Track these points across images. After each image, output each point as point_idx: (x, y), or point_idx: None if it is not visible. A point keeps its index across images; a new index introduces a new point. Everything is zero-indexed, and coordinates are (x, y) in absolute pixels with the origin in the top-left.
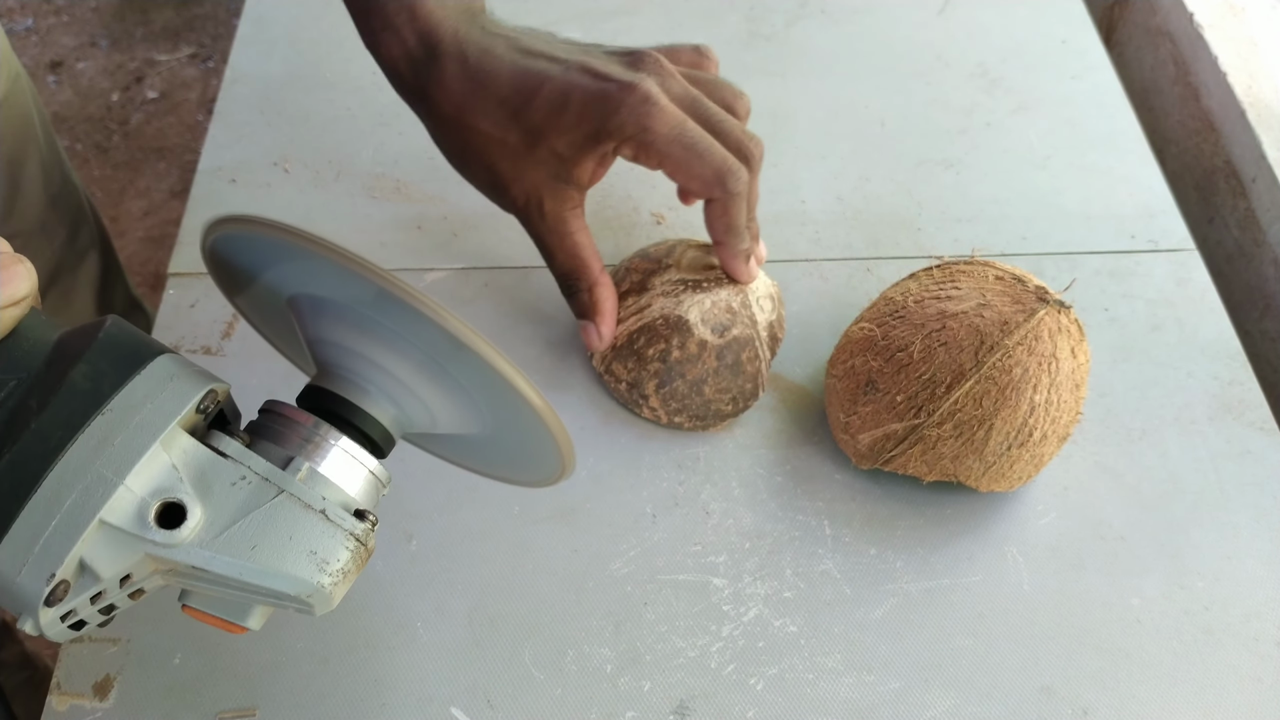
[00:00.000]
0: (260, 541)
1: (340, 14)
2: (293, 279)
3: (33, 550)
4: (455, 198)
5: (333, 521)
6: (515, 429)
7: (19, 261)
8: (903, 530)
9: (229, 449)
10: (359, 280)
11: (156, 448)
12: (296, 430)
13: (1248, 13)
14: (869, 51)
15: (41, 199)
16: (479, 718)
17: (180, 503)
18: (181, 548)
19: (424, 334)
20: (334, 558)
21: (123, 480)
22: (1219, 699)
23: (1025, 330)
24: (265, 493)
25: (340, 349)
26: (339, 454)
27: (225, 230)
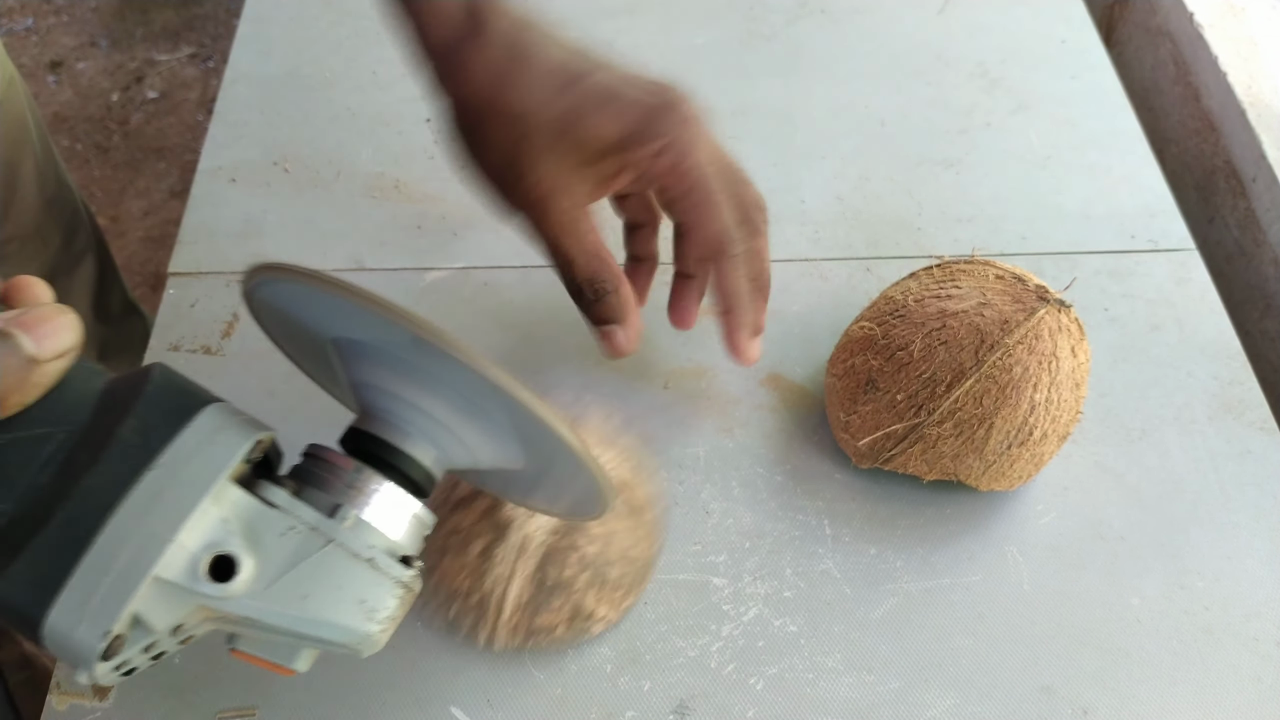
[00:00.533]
0: (310, 592)
1: (340, 14)
2: (333, 324)
3: (88, 607)
4: (455, 197)
5: (380, 570)
6: (554, 467)
7: (63, 313)
8: (903, 530)
9: (277, 499)
10: (396, 328)
11: (207, 502)
12: (340, 476)
13: (1248, 12)
14: (869, 51)
15: (37, 203)
16: (479, 717)
17: (231, 556)
18: (233, 600)
19: (461, 378)
20: (382, 606)
21: (175, 536)
22: (1219, 699)
23: (1025, 329)
24: (314, 543)
25: (381, 392)
26: (383, 499)
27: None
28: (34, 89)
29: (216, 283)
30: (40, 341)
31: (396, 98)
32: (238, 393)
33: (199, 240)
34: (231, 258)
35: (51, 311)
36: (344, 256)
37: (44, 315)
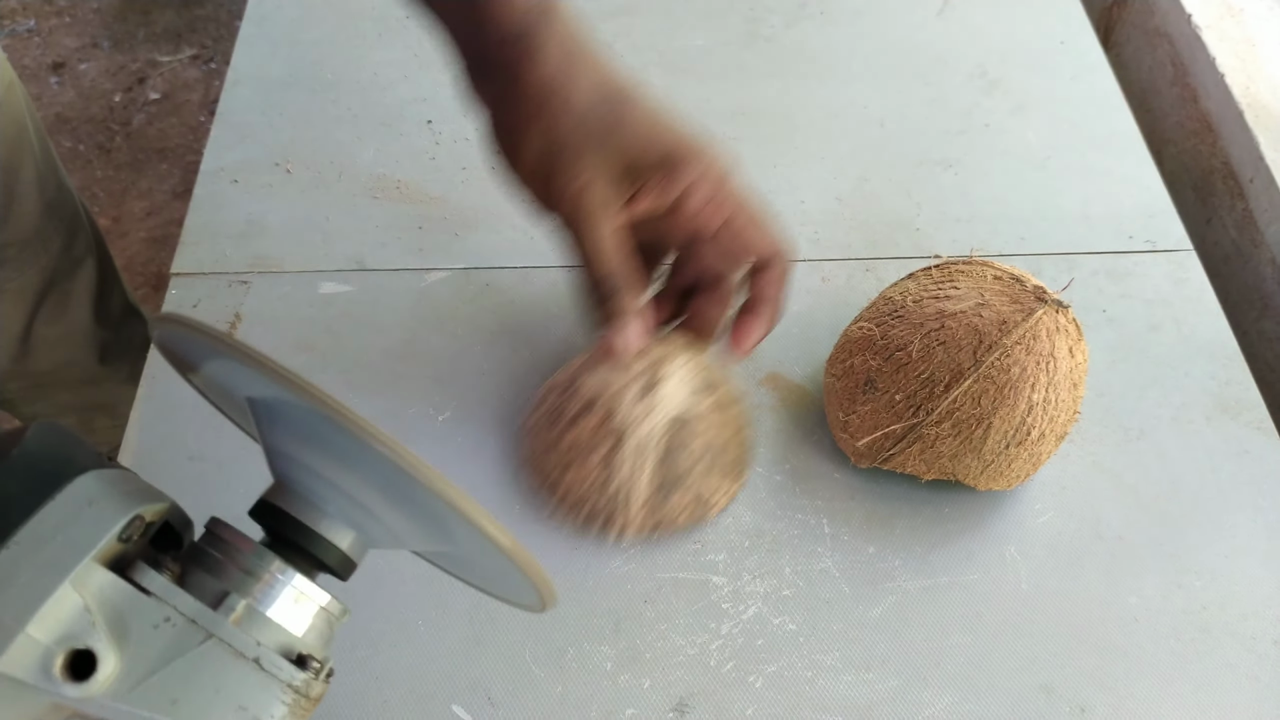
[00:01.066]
0: (182, 696)
1: (342, 16)
2: (245, 382)
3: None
4: (457, 198)
5: (267, 671)
6: (487, 559)
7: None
8: (901, 529)
9: (153, 585)
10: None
11: (66, 587)
12: (236, 559)
13: (1246, 14)
14: (868, 52)
15: (37, 207)
16: (480, 715)
17: (90, 651)
18: (92, 700)
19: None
20: (266, 714)
21: (23, 628)
22: (1216, 697)
23: (1023, 330)
24: (191, 637)
25: (296, 464)
26: (284, 589)
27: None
28: (36, 90)
29: (219, 283)
30: None
31: (398, 99)
32: None
33: (201, 241)
34: (234, 258)
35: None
36: (346, 257)
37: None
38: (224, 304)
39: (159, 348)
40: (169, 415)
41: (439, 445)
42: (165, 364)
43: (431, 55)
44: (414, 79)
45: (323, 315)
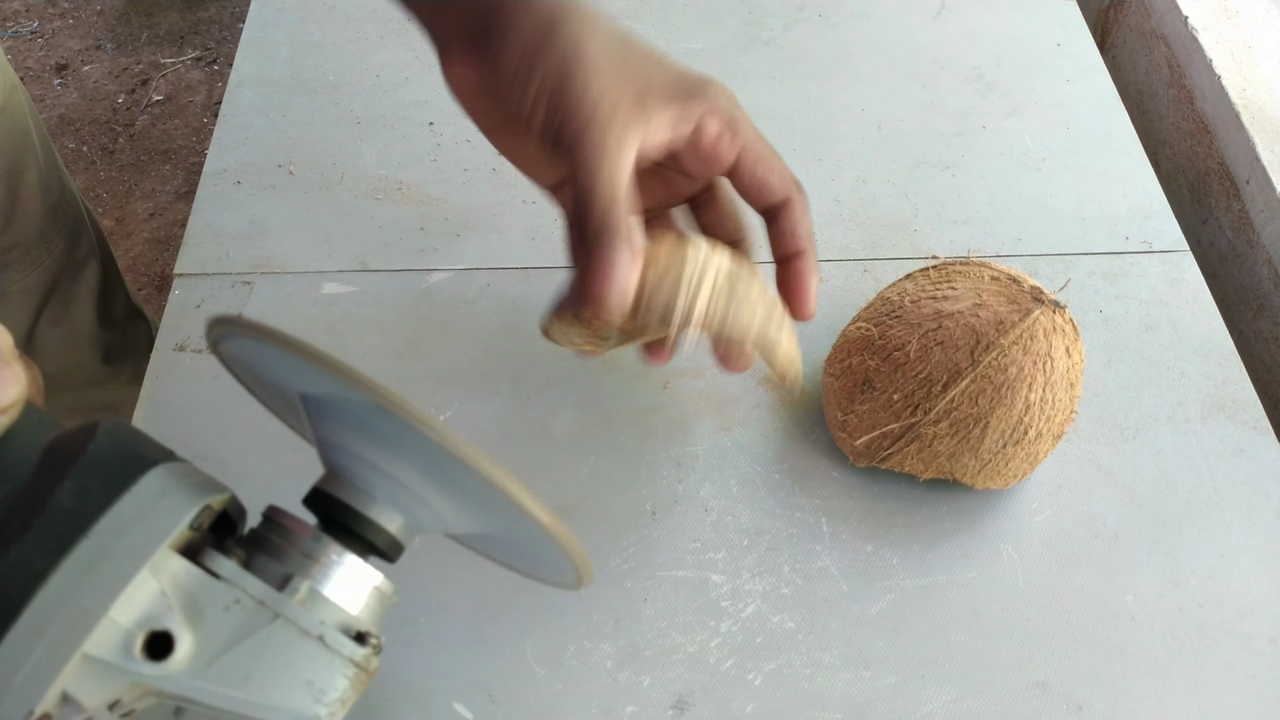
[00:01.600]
0: (253, 671)
1: (344, 18)
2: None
3: (11, 685)
4: (458, 199)
5: (330, 648)
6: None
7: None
8: (899, 527)
9: (223, 570)
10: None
11: (144, 573)
12: (296, 544)
13: (1242, 16)
14: (866, 55)
15: (41, 209)
16: (481, 712)
17: (168, 632)
18: (170, 678)
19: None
20: (331, 687)
21: (106, 612)
22: (1213, 696)
23: (1020, 330)
24: (260, 618)
25: (347, 453)
26: (341, 571)
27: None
28: (39, 92)
29: (222, 284)
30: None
31: (400, 101)
32: (241, 394)
33: (204, 242)
34: (237, 259)
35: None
36: (348, 258)
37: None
38: (227, 305)
39: (214, 350)
40: (172, 416)
41: None
42: (168, 364)
43: (433, 58)
44: (416, 81)
45: (325, 315)
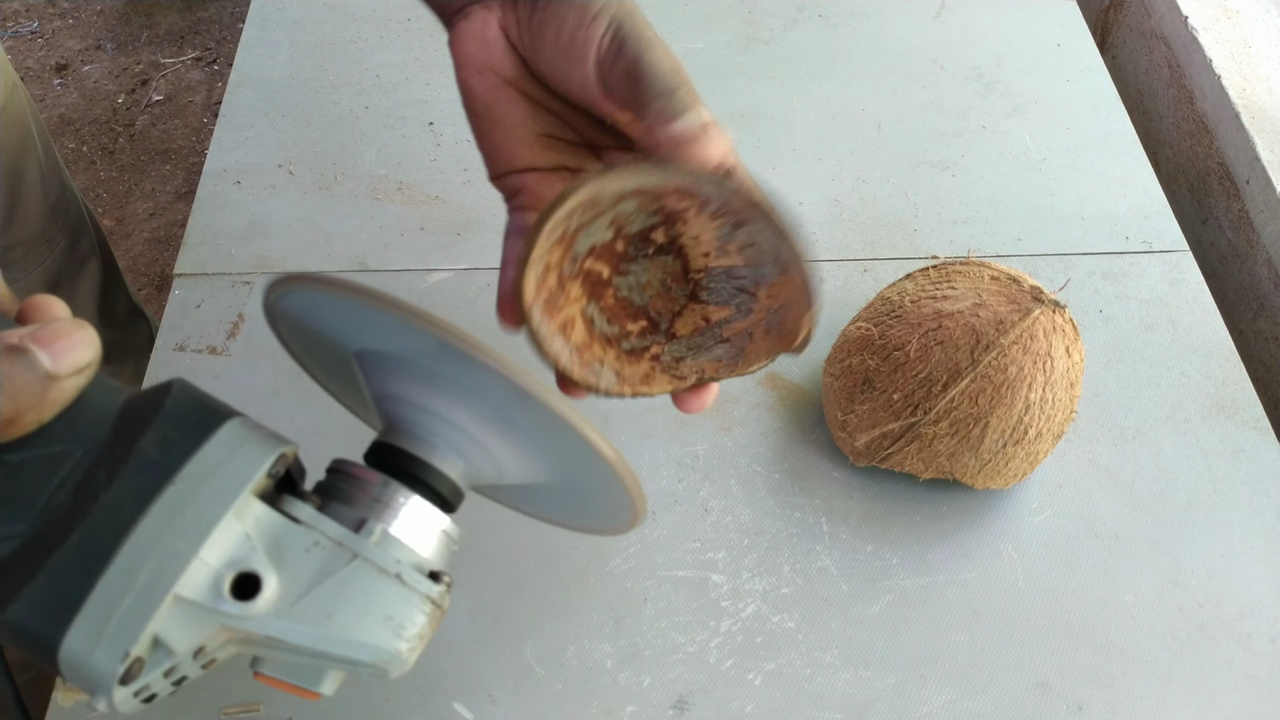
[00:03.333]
0: (336, 609)
1: (344, 19)
2: (356, 335)
3: (106, 629)
4: (458, 199)
5: (408, 585)
6: (584, 479)
7: (81, 328)
8: (899, 527)
9: (301, 514)
10: (422, 334)
11: (229, 517)
12: (366, 490)
13: (1242, 16)
14: (866, 55)
15: (42, 208)
16: (481, 712)
17: (255, 573)
18: (257, 619)
19: (489, 386)
20: (410, 623)
21: (196, 553)
22: (1212, 695)
23: (1020, 329)
24: (339, 558)
25: (406, 403)
26: (410, 513)
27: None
28: (40, 92)
29: (222, 283)
30: (57, 358)
31: (399, 101)
32: (243, 392)
33: (204, 241)
34: (237, 259)
35: (69, 327)
36: (348, 258)
37: (61, 330)
38: (227, 304)
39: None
40: None
41: None
42: (169, 364)
43: (433, 58)
44: (415, 81)
45: None
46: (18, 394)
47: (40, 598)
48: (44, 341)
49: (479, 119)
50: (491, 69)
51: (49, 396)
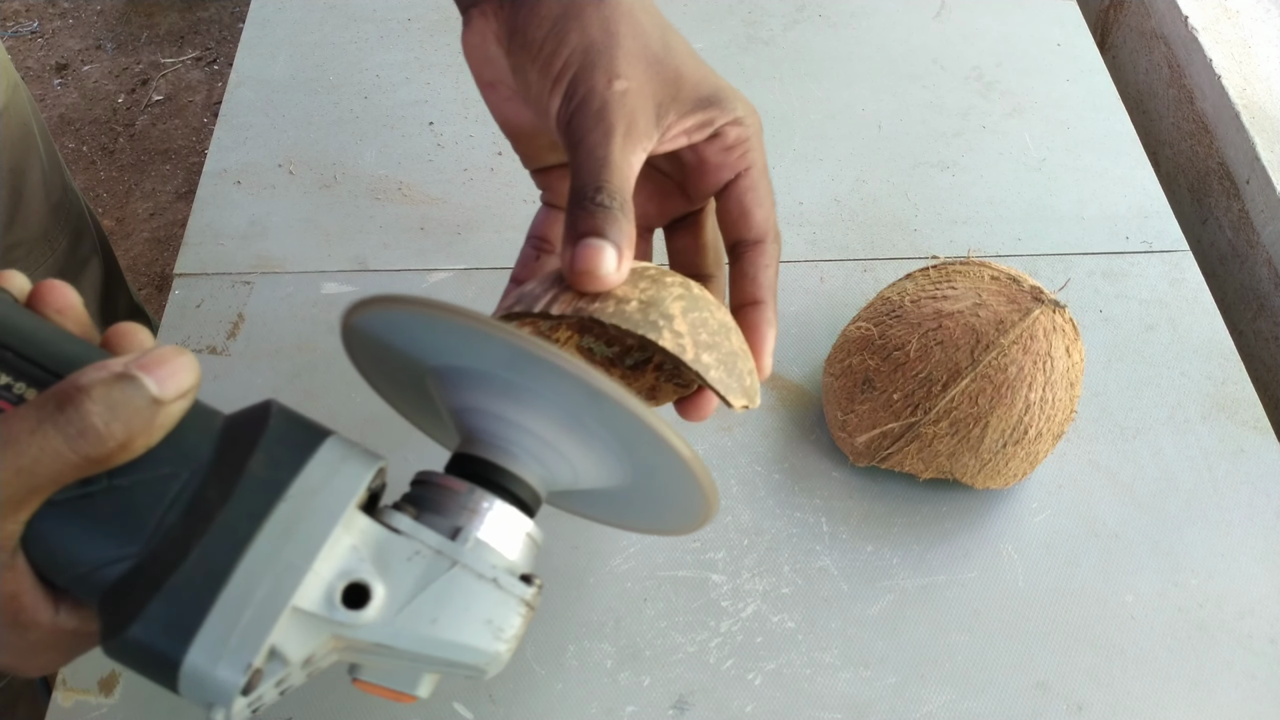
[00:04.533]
0: (439, 615)
1: (344, 19)
2: (432, 351)
3: (229, 642)
4: (458, 199)
5: (504, 589)
6: (657, 478)
7: (181, 353)
8: (899, 527)
9: (401, 525)
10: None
11: (339, 529)
12: (454, 499)
13: (1242, 16)
14: (866, 55)
15: (44, 208)
16: (481, 712)
17: (364, 583)
18: (366, 626)
19: (564, 391)
20: (508, 625)
21: (310, 566)
22: (1212, 695)
23: (1020, 329)
24: (439, 566)
25: (484, 414)
26: (497, 519)
27: (365, 313)
28: (40, 92)
29: (222, 283)
30: (163, 383)
31: (399, 101)
32: (243, 392)
33: (205, 241)
34: (237, 259)
35: (171, 353)
36: (348, 258)
37: (164, 356)
38: (227, 304)
39: (346, 330)
40: None
41: None
42: None
43: (433, 58)
44: (415, 81)
45: (325, 315)
46: (129, 419)
47: (163, 615)
48: (149, 368)
49: (502, 127)
50: (500, 82)
51: (157, 421)
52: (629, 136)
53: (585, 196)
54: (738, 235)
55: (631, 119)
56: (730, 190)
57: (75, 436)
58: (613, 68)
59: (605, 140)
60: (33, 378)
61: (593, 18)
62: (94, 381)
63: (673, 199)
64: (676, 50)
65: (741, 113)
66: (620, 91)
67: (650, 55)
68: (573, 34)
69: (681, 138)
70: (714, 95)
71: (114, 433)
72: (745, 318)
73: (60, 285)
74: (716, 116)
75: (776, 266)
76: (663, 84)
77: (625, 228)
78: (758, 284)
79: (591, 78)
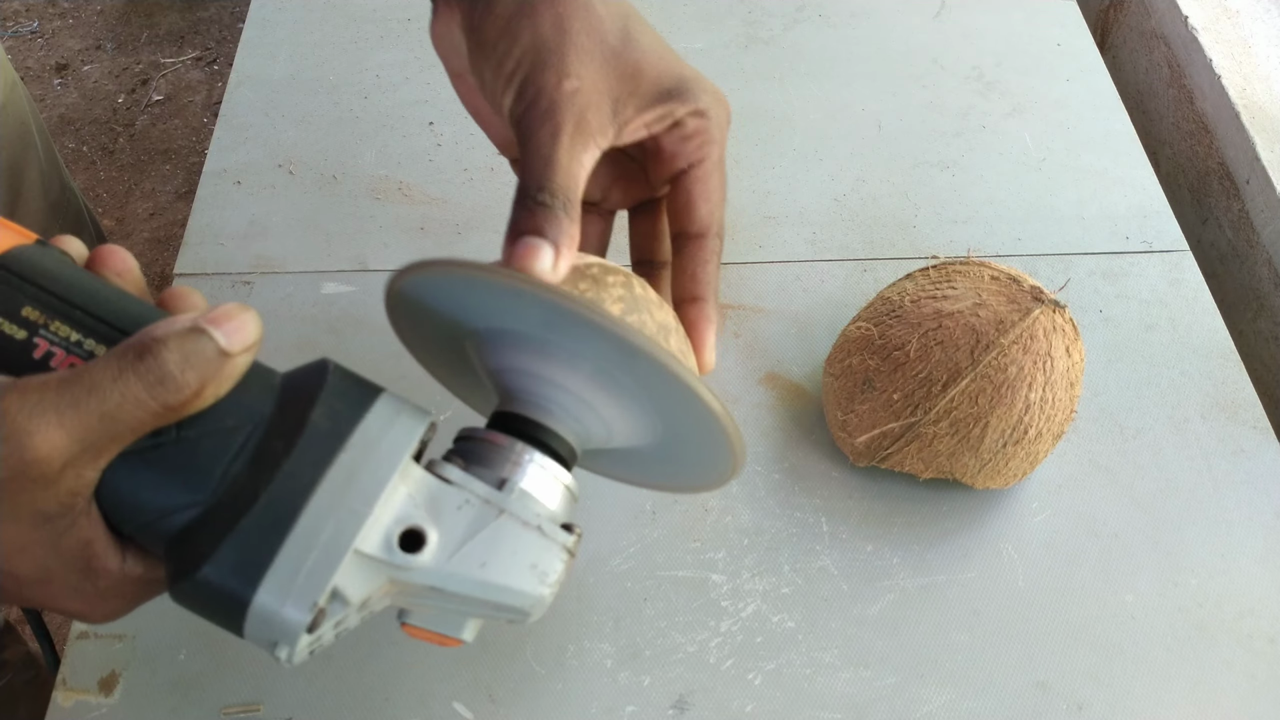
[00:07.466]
0: (488, 559)
1: (344, 18)
2: (473, 314)
3: (296, 582)
4: (458, 199)
5: (548, 536)
6: (688, 433)
7: (245, 310)
8: (899, 527)
9: (452, 475)
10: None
11: (395, 478)
12: (498, 452)
13: (1242, 16)
14: (866, 55)
15: (42, 206)
16: (481, 712)
17: (419, 529)
18: (421, 570)
19: (599, 346)
20: (552, 570)
21: (371, 511)
22: (1212, 695)
23: (1020, 329)
24: (488, 514)
25: (523, 374)
26: (538, 471)
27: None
28: (40, 92)
29: (222, 283)
30: (230, 336)
31: (399, 101)
32: None
33: (204, 241)
34: (236, 259)
35: (236, 309)
36: (348, 258)
37: (230, 312)
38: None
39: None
40: None
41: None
42: None
43: (433, 57)
44: (415, 81)
45: (325, 315)
46: (202, 369)
47: (234, 557)
48: (216, 322)
49: (473, 116)
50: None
51: (225, 372)
52: (577, 135)
53: (528, 194)
54: (680, 227)
55: (581, 117)
56: (680, 180)
57: (155, 384)
58: (563, 66)
59: (552, 140)
60: (101, 334)
61: (545, 15)
62: (169, 333)
63: (637, 183)
64: (637, 42)
65: (704, 104)
66: (570, 90)
67: (606, 50)
68: (525, 33)
69: (641, 130)
70: (676, 87)
71: (189, 381)
72: (685, 314)
73: (118, 250)
74: (676, 108)
75: (717, 262)
76: (619, 79)
77: (566, 226)
78: (696, 280)
79: (541, 77)
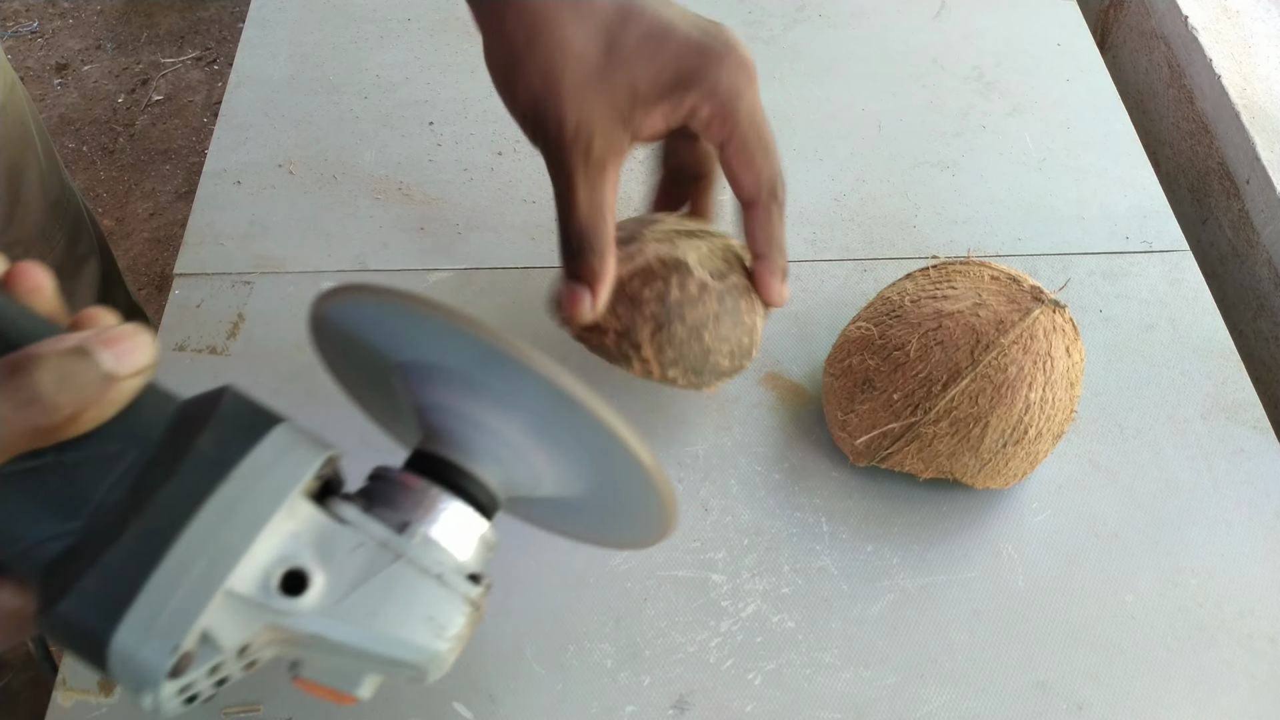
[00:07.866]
0: (379, 608)
1: (344, 18)
2: (402, 345)
3: (158, 622)
4: (458, 199)
5: (448, 586)
6: (618, 488)
7: (139, 332)
8: (899, 527)
9: (347, 515)
10: (469, 339)
11: (281, 515)
12: (408, 495)
13: (1242, 15)
14: (866, 55)
15: (41, 206)
16: (481, 712)
17: (303, 570)
18: (303, 615)
19: (532, 392)
20: (451, 623)
21: (247, 548)
22: (1212, 695)
23: (1020, 329)
24: (383, 558)
25: (448, 412)
26: (450, 518)
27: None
28: (39, 92)
29: (222, 283)
30: (119, 359)
31: (400, 101)
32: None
33: (204, 242)
34: (236, 259)
35: (129, 330)
36: (348, 258)
37: (122, 334)
38: (227, 304)
39: (317, 320)
40: None
41: None
42: (169, 364)
43: (433, 57)
44: (415, 81)
45: None
46: (80, 392)
47: (93, 591)
48: (105, 344)
49: None
50: None
51: (109, 396)
52: (590, 168)
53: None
54: (735, 194)
55: (588, 147)
56: (721, 156)
57: (23, 404)
58: (559, 112)
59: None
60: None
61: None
62: (50, 352)
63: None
64: (623, 51)
65: (710, 82)
66: (571, 132)
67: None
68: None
69: (660, 122)
70: (677, 78)
71: (62, 404)
72: (754, 267)
73: (33, 267)
74: (683, 98)
75: (774, 220)
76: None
77: (597, 267)
78: (755, 240)
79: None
